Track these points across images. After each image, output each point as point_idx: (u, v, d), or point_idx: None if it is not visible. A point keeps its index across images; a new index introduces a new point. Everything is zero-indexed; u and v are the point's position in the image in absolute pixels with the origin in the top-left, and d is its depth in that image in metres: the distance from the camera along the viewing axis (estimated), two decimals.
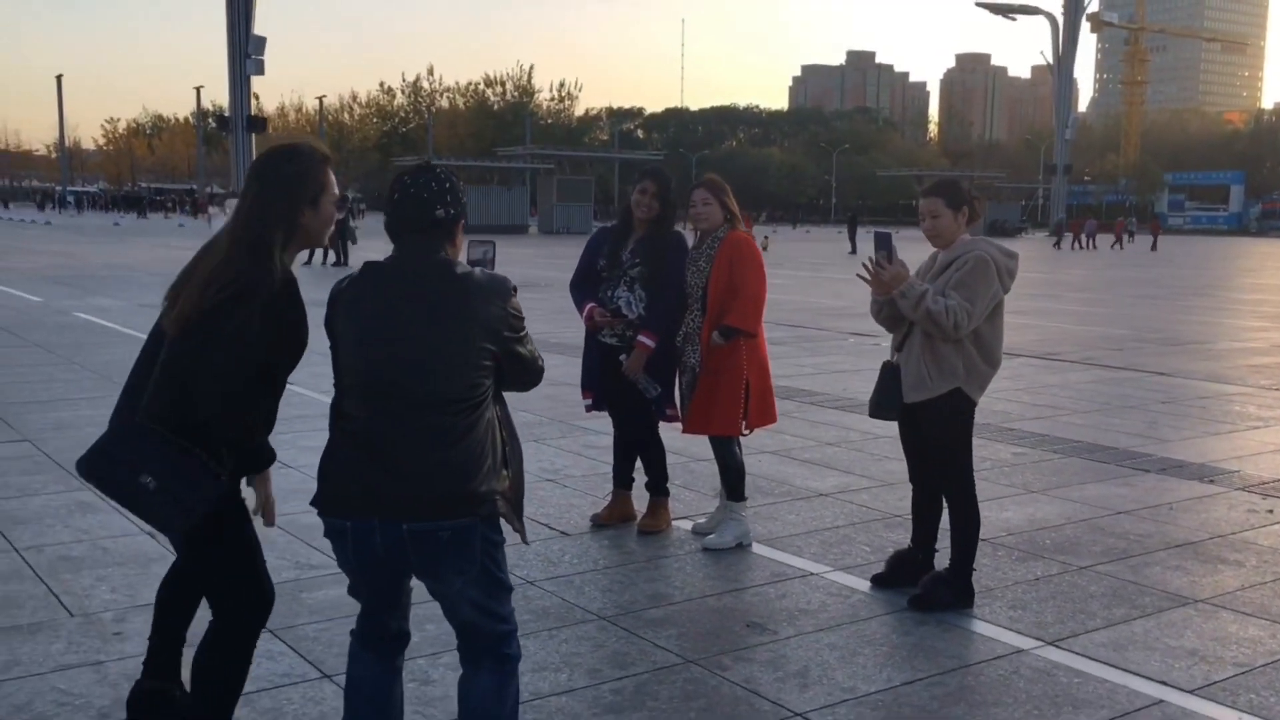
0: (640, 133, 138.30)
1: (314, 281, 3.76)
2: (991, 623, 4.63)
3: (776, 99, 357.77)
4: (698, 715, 3.74)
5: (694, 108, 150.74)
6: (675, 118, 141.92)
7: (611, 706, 3.78)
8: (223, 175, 75.78)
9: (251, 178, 2.94)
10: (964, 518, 4.83)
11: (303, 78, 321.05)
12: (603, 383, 5.71)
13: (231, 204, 30.83)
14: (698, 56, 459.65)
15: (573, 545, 5.52)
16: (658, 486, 5.84)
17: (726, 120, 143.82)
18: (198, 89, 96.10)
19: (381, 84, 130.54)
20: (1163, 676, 4.11)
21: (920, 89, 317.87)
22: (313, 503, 2.84)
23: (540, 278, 23.39)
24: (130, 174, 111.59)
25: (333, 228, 3.24)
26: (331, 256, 27.18)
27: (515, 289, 2.97)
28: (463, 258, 3.30)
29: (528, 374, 3.01)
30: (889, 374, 4.92)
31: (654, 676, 4.02)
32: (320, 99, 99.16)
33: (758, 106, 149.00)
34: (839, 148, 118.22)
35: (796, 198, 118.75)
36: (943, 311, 4.55)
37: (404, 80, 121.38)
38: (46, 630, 4.35)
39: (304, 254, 3.24)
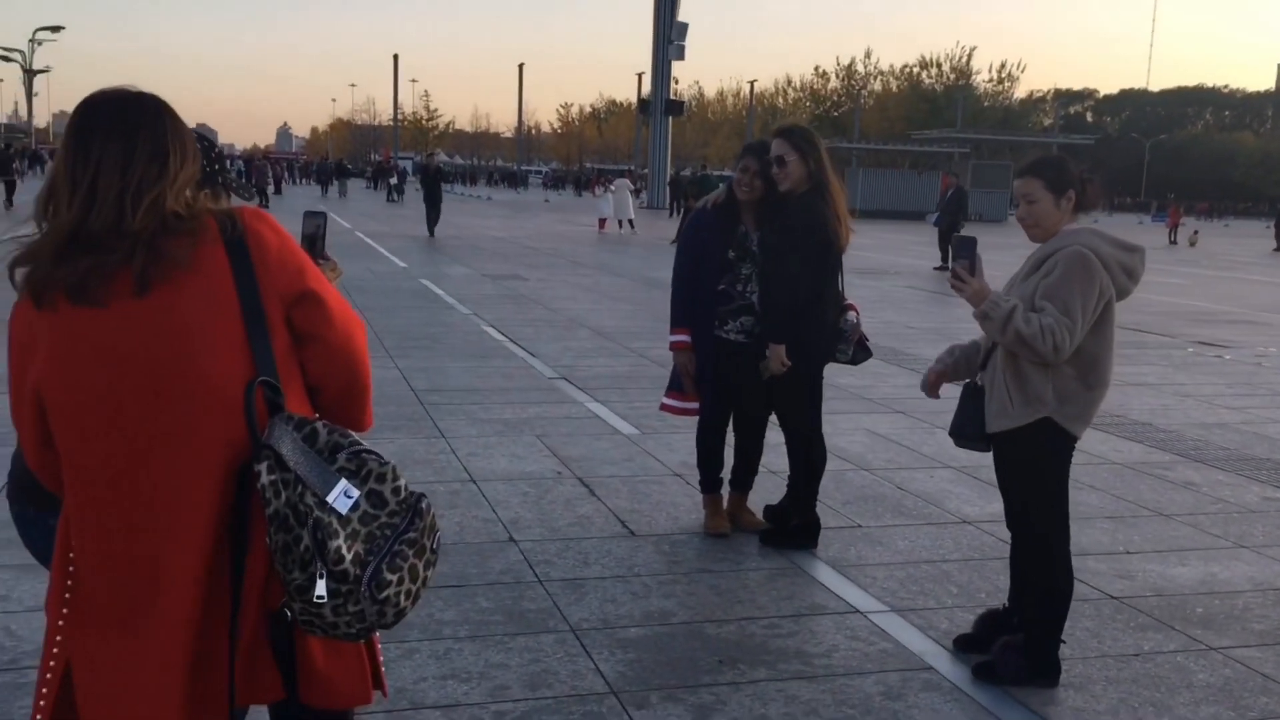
0: (1089, 116, 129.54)
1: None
2: (1018, 700, 3.76)
3: (1260, 80, 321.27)
4: None
5: (1155, 89, 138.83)
6: (1131, 100, 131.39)
7: None
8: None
9: None
10: (1049, 578, 3.94)
11: (745, 63, 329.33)
12: (728, 381, 5.22)
13: (620, 183, 32.36)
14: (1168, 34, 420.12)
15: (620, 546, 5.12)
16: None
17: (1192, 102, 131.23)
18: (639, 75, 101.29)
19: (816, 68, 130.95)
20: None
21: None
22: None
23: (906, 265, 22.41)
24: (578, 155, 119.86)
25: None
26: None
27: None
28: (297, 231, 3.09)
29: None
30: (971, 397, 4.09)
31: (554, 704, 3.61)
32: (751, 83, 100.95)
33: (1228, 86, 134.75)
34: None
35: (1269, 189, 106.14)
36: (1037, 334, 3.65)
37: (838, 64, 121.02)
38: None
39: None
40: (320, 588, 2.00)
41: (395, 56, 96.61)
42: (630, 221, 31.36)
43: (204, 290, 2.04)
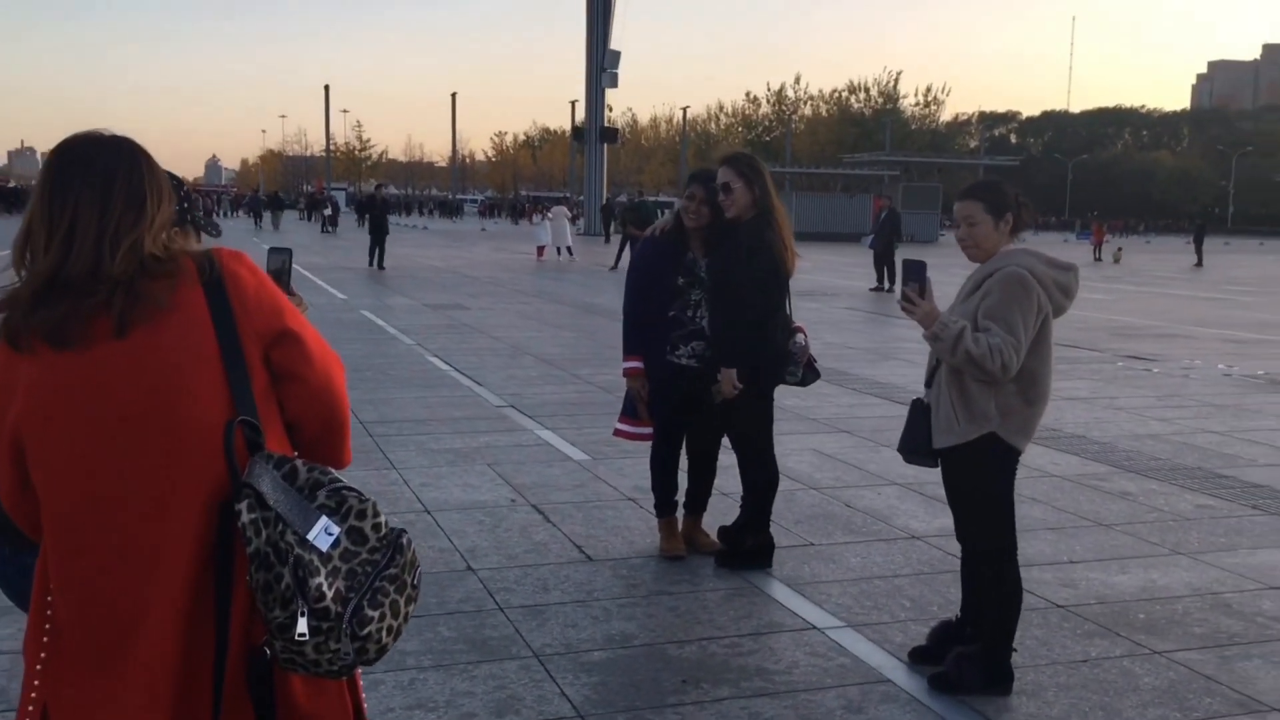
0: (1013, 137, 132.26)
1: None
2: (974, 708, 3.87)
3: (1175, 100, 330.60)
4: None
5: (1076, 110, 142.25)
6: (1053, 121, 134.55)
7: None
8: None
9: None
10: (999, 589, 4.06)
11: (678, 89, 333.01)
12: (680, 405, 5.31)
13: (558, 211, 32.48)
14: (1087, 57, 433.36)
15: (578, 572, 5.18)
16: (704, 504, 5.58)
17: (1112, 122, 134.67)
18: (572, 103, 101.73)
19: (748, 94, 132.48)
20: None
21: None
22: None
23: (841, 287, 22.73)
24: (513, 183, 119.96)
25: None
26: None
27: None
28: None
29: None
30: (918, 413, 4.21)
31: None
32: (684, 109, 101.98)
33: (1145, 107, 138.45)
34: (1240, 150, 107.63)
35: (1186, 205, 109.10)
36: (986, 354, 3.77)
37: (769, 89, 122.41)
38: None
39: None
40: (301, 625, 2.01)
41: (326, 87, 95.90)
42: (569, 249, 31.47)
43: (183, 332, 2.06)
